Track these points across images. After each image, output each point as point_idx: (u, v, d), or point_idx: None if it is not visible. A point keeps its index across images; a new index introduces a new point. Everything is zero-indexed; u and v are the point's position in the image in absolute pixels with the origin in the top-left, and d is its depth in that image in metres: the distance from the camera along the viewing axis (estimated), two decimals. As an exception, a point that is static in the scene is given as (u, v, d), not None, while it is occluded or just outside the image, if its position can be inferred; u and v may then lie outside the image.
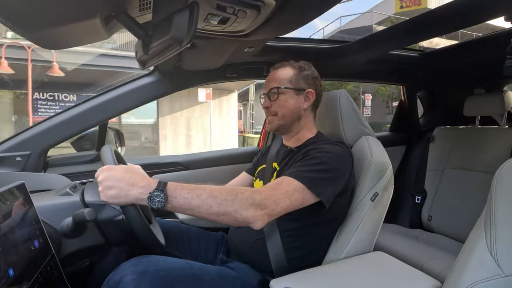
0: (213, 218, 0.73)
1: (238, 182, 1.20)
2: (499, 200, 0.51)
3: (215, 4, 0.72)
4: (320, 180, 0.82)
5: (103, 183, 0.69)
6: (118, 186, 0.69)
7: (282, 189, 0.78)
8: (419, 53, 1.60)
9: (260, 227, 0.74)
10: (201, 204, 0.70)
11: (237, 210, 0.71)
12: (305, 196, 0.81)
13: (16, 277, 0.54)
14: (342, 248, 0.93)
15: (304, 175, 0.81)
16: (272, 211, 0.75)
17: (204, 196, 0.71)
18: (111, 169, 0.71)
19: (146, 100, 1.30)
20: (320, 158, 0.85)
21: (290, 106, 1.00)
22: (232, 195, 0.72)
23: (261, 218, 0.73)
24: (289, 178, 0.80)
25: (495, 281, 0.46)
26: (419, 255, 1.29)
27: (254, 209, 0.72)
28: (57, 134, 1.19)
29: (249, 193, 0.73)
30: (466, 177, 1.56)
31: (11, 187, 0.62)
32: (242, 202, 0.72)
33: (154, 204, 0.68)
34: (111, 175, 0.70)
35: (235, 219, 0.72)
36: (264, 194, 0.75)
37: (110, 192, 0.68)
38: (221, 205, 0.71)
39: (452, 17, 1.02)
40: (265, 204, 0.73)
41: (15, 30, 0.66)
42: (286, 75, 1.01)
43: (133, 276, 0.72)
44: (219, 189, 0.73)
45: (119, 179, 0.69)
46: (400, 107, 2.00)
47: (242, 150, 1.76)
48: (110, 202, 0.69)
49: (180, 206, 0.70)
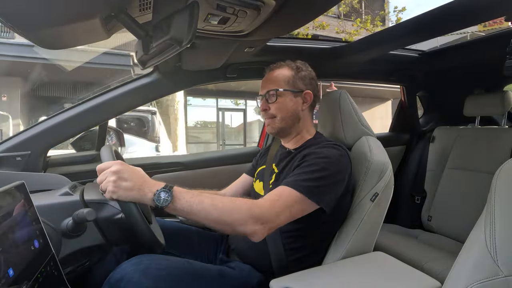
0: (212, 226, 0.74)
1: (239, 184, 1.20)
2: (499, 200, 0.51)
3: (215, 4, 0.72)
4: (319, 188, 0.82)
5: (118, 173, 0.69)
6: (132, 179, 0.69)
7: (282, 201, 0.78)
8: (419, 53, 1.60)
9: (259, 240, 0.75)
10: (202, 210, 0.71)
11: (237, 222, 0.72)
12: (305, 206, 0.82)
13: (16, 277, 0.54)
14: (342, 248, 0.93)
15: (303, 184, 0.81)
16: (272, 223, 0.76)
17: (206, 203, 0.72)
18: (124, 164, 0.72)
19: (146, 100, 1.30)
20: (318, 164, 0.85)
21: (289, 109, 0.99)
22: (232, 207, 0.73)
23: (260, 232, 0.74)
24: (288, 189, 0.80)
25: (495, 282, 0.46)
26: (419, 255, 1.29)
27: (253, 223, 0.73)
28: (57, 134, 1.19)
29: (250, 206, 0.74)
30: (466, 177, 1.56)
31: (11, 187, 0.62)
32: (241, 215, 0.73)
33: (160, 202, 0.68)
34: (126, 168, 0.70)
35: (234, 230, 0.74)
36: (264, 208, 0.75)
37: (124, 184, 0.68)
38: (221, 215, 0.72)
39: (452, 17, 1.02)
40: (266, 218, 0.74)
41: (15, 30, 0.66)
42: (283, 77, 0.99)
43: (134, 274, 0.72)
44: (221, 198, 0.74)
45: (134, 173, 0.71)
46: (400, 107, 2.00)
47: (242, 150, 1.76)
48: (121, 194, 0.68)
49: (182, 209, 0.71)
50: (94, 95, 1.24)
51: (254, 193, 1.08)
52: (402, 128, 2.00)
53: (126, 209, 0.71)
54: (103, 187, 0.70)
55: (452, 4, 0.93)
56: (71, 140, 1.29)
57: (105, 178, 0.70)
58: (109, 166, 0.71)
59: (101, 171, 0.72)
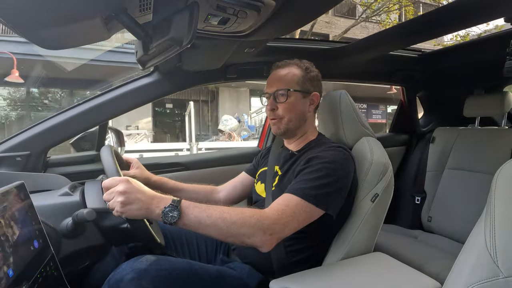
0: (221, 239, 0.75)
1: (238, 182, 1.20)
2: (499, 201, 0.50)
3: (215, 4, 0.72)
4: (326, 194, 0.82)
5: (125, 194, 0.68)
6: (140, 199, 0.69)
7: (290, 211, 0.78)
8: (419, 53, 1.60)
9: (268, 250, 0.76)
10: (211, 224, 0.72)
11: (245, 235, 0.73)
12: (313, 214, 0.82)
13: (15, 277, 0.54)
14: (342, 249, 0.93)
15: (310, 193, 0.81)
16: (280, 234, 0.77)
17: (214, 216, 0.72)
18: (131, 182, 0.71)
19: (146, 100, 1.30)
20: (323, 169, 0.84)
21: (297, 110, 0.97)
22: (241, 219, 0.73)
23: (269, 243, 0.75)
24: (296, 198, 0.80)
25: (495, 282, 0.46)
26: (419, 256, 1.29)
27: (262, 234, 0.73)
28: (57, 134, 1.19)
29: (258, 218, 0.74)
30: (466, 178, 1.55)
31: (11, 187, 0.62)
32: (250, 227, 0.73)
33: (167, 219, 0.69)
34: (133, 188, 0.70)
35: (243, 242, 0.74)
36: (272, 219, 0.76)
37: (132, 206, 0.68)
38: (230, 228, 0.72)
39: (452, 18, 1.02)
40: (274, 229, 0.75)
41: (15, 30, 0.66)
42: (294, 76, 0.97)
43: (134, 275, 0.72)
44: (229, 211, 0.74)
45: (141, 192, 0.70)
46: (400, 108, 2.00)
47: (242, 150, 1.76)
48: (129, 214, 0.69)
49: (190, 224, 0.71)
50: (94, 95, 1.24)
51: (255, 195, 1.08)
52: (402, 129, 2.00)
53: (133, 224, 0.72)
54: (111, 206, 0.70)
55: (452, 5, 0.93)
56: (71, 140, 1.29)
57: (113, 197, 0.69)
58: (115, 184, 0.70)
59: (107, 189, 0.71)
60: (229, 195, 1.18)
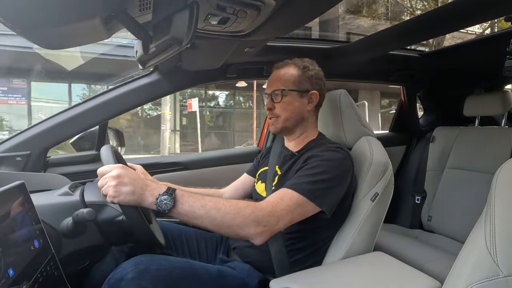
0: (215, 230, 0.74)
1: (239, 183, 1.20)
2: (499, 200, 0.50)
3: (215, 4, 0.72)
4: (321, 190, 0.82)
5: (119, 178, 0.69)
6: (133, 184, 0.69)
7: (284, 204, 0.78)
8: (419, 53, 1.60)
9: (261, 243, 0.76)
10: (205, 214, 0.71)
11: (239, 226, 0.73)
12: (307, 209, 0.82)
13: (16, 277, 0.54)
14: (342, 249, 0.93)
15: (306, 187, 0.81)
16: (274, 227, 0.76)
17: (209, 206, 0.72)
18: (125, 168, 0.71)
19: (146, 100, 1.30)
20: (321, 167, 0.85)
21: (293, 109, 0.98)
22: (235, 210, 0.73)
23: (262, 235, 0.75)
24: (291, 192, 0.81)
25: (495, 282, 0.46)
26: (419, 255, 1.29)
27: (256, 226, 0.73)
28: (57, 134, 1.19)
29: (252, 209, 0.74)
30: (466, 177, 1.55)
31: (11, 187, 0.62)
32: (244, 218, 0.73)
33: (161, 206, 0.68)
34: (127, 173, 0.70)
35: (237, 234, 0.74)
36: (266, 211, 0.75)
37: (125, 189, 0.68)
38: (224, 219, 0.72)
39: (452, 17, 1.01)
40: (268, 221, 0.75)
41: (15, 30, 0.65)
42: (290, 76, 0.98)
43: (134, 274, 0.72)
44: (223, 202, 0.74)
45: (135, 178, 0.70)
46: (400, 107, 2.00)
47: (242, 150, 1.76)
48: (122, 198, 0.68)
49: (185, 213, 0.71)
50: (94, 95, 1.24)
51: (256, 194, 1.08)
52: (402, 128, 2.00)
53: (127, 212, 0.71)
54: (104, 192, 0.70)
55: (452, 4, 0.93)
56: (71, 140, 1.29)
57: (106, 182, 0.70)
58: (110, 170, 0.71)
59: (102, 175, 0.71)
60: (232, 197, 1.18)
